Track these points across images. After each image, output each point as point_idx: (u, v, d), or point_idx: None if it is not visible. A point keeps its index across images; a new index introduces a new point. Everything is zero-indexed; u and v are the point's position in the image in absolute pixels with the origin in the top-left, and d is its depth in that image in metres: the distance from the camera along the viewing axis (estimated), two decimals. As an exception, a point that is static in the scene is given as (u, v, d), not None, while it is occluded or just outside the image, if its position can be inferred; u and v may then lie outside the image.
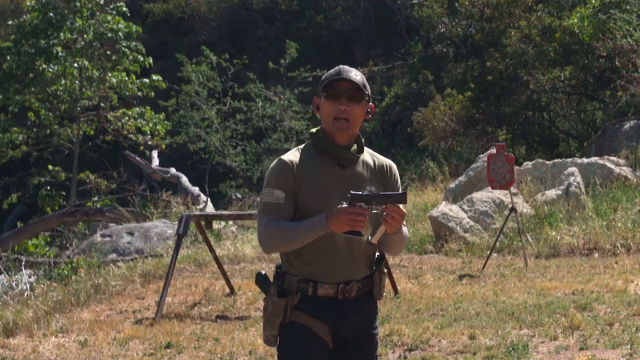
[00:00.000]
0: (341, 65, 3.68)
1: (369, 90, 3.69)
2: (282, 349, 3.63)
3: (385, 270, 3.84)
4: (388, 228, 3.47)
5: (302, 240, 3.51)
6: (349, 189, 3.54)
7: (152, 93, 20.32)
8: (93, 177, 20.95)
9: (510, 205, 10.98)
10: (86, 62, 19.15)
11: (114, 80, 19.70)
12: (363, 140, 3.77)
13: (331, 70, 3.68)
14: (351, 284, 3.62)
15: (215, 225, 13.07)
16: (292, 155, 3.62)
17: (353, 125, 3.63)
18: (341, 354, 3.68)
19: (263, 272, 3.69)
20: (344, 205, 3.43)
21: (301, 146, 3.71)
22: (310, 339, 3.60)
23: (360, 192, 3.45)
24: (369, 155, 3.76)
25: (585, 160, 13.70)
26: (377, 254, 3.77)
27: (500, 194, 12.21)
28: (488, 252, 10.69)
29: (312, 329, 3.59)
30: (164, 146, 21.09)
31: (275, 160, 3.63)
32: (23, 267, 11.58)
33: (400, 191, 3.59)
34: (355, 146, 3.68)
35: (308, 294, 3.59)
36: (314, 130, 3.72)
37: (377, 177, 3.72)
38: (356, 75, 3.62)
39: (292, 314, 3.59)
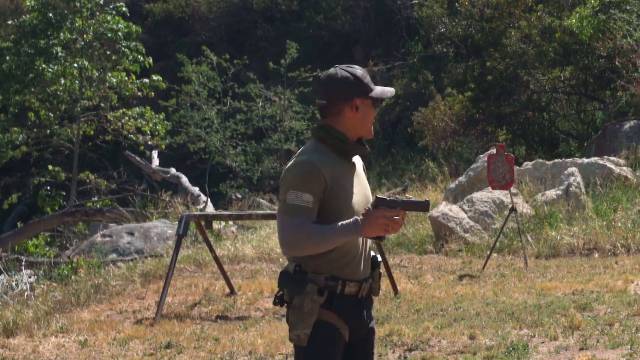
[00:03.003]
0: (364, 69, 3.73)
1: None
2: (312, 348, 3.59)
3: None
4: (391, 232, 3.54)
5: (334, 244, 3.54)
6: (361, 183, 3.67)
7: (152, 93, 20.32)
8: (93, 177, 20.94)
9: (510, 206, 10.98)
10: (86, 62, 19.15)
11: (114, 80, 19.70)
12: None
13: (360, 71, 3.68)
14: (367, 281, 3.73)
15: (215, 225, 13.07)
16: (317, 157, 3.58)
17: None
18: (350, 352, 3.71)
19: (289, 271, 3.61)
20: (372, 209, 3.50)
21: (310, 146, 3.65)
22: (338, 339, 3.63)
23: (386, 197, 3.54)
24: None
25: (585, 160, 13.69)
26: (373, 253, 3.83)
27: (500, 194, 12.21)
28: (488, 252, 10.69)
29: (340, 329, 3.62)
30: (164, 146, 21.08)
31: (301, 162, 3.56)
32: (23, 267, 11.58)
33: (423, 199, 3.65)
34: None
35: (337, 292, 3.60)
36: (320, 129, 3.67)
37: (364, 171, 3.85)
38: None
39: (320, 313, 3.58)
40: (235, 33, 29.70)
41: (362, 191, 3.69)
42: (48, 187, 20.62)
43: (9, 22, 21.00)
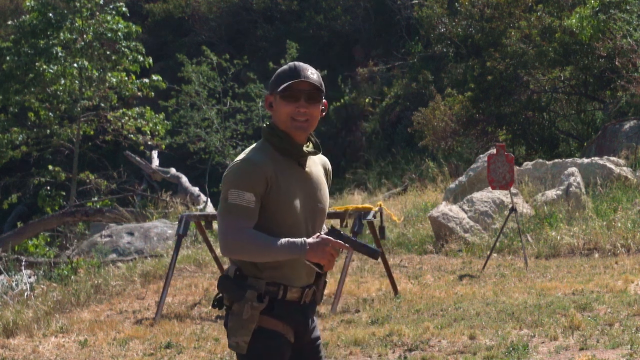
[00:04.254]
0: (296, 63, 3.59)
1: (324, 88, 3.64)
2: (252, 355, 3.49)
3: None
4: (330, 266, 3.51)
5: (275, 258, 3.47)
6: (311, 189, 3.57)
7: (152, 93, 20.32)
8: (93, 177, 20.94)
9: (510, 206, 10.98)
10: (86, 62, 19.15)
11: (114, 80, 19.70)
12: (317, 140, 3.74)
13: (285, 67, 3.59)
14: (311, 288, 3.60)
15: (215, 225, 13.06)
16: (259, 156, 3.52)
17: (312, 125, 3.62)
18: (297, 358, 3.62)
19: (229, 275, 3.56)
20: (325, 237, 3.44)
21: (257, 145, 3.59)
22: (284, 345, 3.53)
23: (341, 231, 3.50)
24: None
25: (585, 160, 13.69)
26: None
27: (500, 194, 12.21)
28: (488, 252, 10.69)
29: (285, 336, 3.53)
30: (163, 146, 21.09)
31: (242, 161, 3.51)
32: (23, 267, 11.58)
33: (375, 248, 3.60)
34: (310, 144, 3.65)
35: (278, 297, 3.50)
36: (266, 127, 3.61)
37: (324, 174, 3.73)
38: (313, 74, 3.56)
39: (260, 319, 3.49)
40: (235, 33, 29.70)
41: (310, 195, 3.58)
42: (48, 187, 20.62)
43: (9, 22, 21.00)
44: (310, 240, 3.46)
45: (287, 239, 3.45)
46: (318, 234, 3.50)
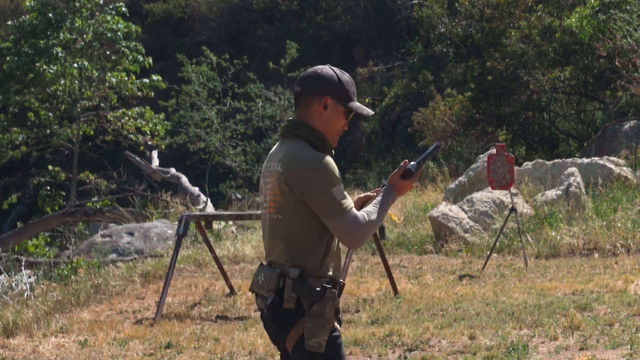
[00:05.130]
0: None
1: None
2: (329, 354, 3.53)
3: None
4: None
5: (382, 219, 3.63)
6: None
7: (152, 93, 20.32)
8: (93, 177, 20.94)
9: (510, 206, 10.98)
10: (86, 62, 19.15)
11: (114, 80, 19.70)
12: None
13: (347, 77, 3.65)
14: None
15: (215, 225, 13.07)
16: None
17: None
18: None
19: (296, 277, 3.53)
20: (402, 179, 3.65)
21: (302, 144, 3.58)
22: (342, 340, 3.64)
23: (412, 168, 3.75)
24: None
25: (585, 160, 13.69)
26: None
27: (500, 194, 12.21)
28: (488, 252, 10.69)
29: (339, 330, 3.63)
30: (163, 146, 21.09)
31: (324, 157, 3.52)
32: (23, 267, 11.58)
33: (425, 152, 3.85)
34: None
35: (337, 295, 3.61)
36: (305, 129, 3.61)
37: None
38: None
39: None
40: (235, 33, 29.70)
41: None
42: (48, 187, 20.62)
43: (9, 22, 20.99)
44: (394, 184, 3.64)
45: (381, 199, 3.60)
46: (393, 176, 3.67)
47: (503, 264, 10.55)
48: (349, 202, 3.52)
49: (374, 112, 3.74)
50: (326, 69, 3.63)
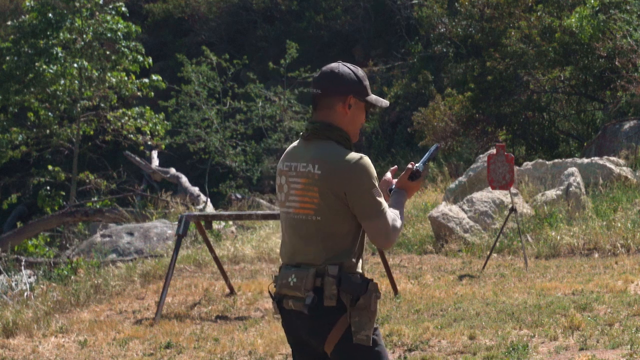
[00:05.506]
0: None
1: None
2: (377, 347, 3.58)
3: None
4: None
5: None
6: None
7: (152, 93, 20.32)
8: (93, 177, 20.94)
9: (510, 206, 10.97)
10: (86, 62, 19.15)
11: (114, 80, 19.70)
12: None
13: (362, 72, 3.68)
14: None
15: (215, 225, 13.07)
16: None
17: None
18: None
19: (336, 273, 3.54)
20: (409, 180, 3.73)
21: (334, 145, 3.59)
22: None
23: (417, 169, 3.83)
24: None
25: (585, 160, 13.69)
26: None
27: (500, 194, 12.20)
28: (488, 253, 10.69)
29: None
30: (163, 146, 21.09)
31: (364, 157, 3.55)
32: (23, 267, 11.58)
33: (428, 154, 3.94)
34: None
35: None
36: (331, 129, 3.61)
37: None
38: None
39: None
40: (235, 33, 29.70)
41: None
42: (48, 187, 20.63)
43: (9, 23, 20.99)
44: (405, 187, 3.72)
45: (397, 199, 3.68)
46: (402, 179, 3.74)
47: (503, 264, 10.54)
48: (384, 202, 3.56)
49: (388, 103, 3.77)
50: (342, 67, 3.65)
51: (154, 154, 21.64)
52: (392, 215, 3.58)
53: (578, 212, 11.91)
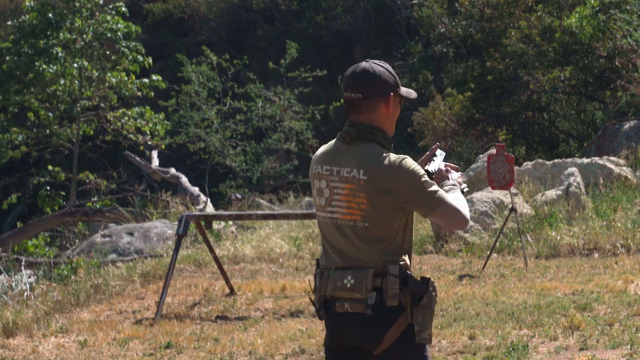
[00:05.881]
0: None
1: None
2: (427, 352, 3.58)
3: None
4: None
5: None
6: None
7: (152, 93, 20.31)
8: (93, 177, 20.93)
9: (510, 206, 10.97)
10: (86, 62, 19.15)
11: (114, 80, 19.70)
12: None
13: (391, 67, 3.66)
14: None
15: (215, 225, 13.07)
16: None
17: None
18: None
19: (397, 274, 3.52)
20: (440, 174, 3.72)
21: (379, 147, 3.57)
22: None
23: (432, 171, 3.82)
24: None
25: (585, 160, 13.69)
26: None
27: (500, 194, 12.20)
28: (488, 253, 10.69)
29: None
30: (163, 146, 21.09)
31: (407, 158, 3.53)
32: (23, 267, 11.58)
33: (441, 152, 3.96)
34: None
35: None
36: (375, 131, 3.59)
37: None
38: None
39: None
40: (235, 33, 29.70)
41: None
42: (48, 187, 20.62)
43: (9, 23, 20.99)
44: (452, 177, 3.70)
45: (451, 186, 3.65)
46: (444, 171, 3.72)
47: (503, 264, 10.54)
48: (438, 187, 3.54)
49: (416, 94, 3.77)
50: (376, 67, 3.60)
51: (154, 154, 21.64)
52: (451, 195, 3.55)
53: (578, 212, 11.91)
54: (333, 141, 3.67)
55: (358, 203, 3.51)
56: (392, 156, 3.52)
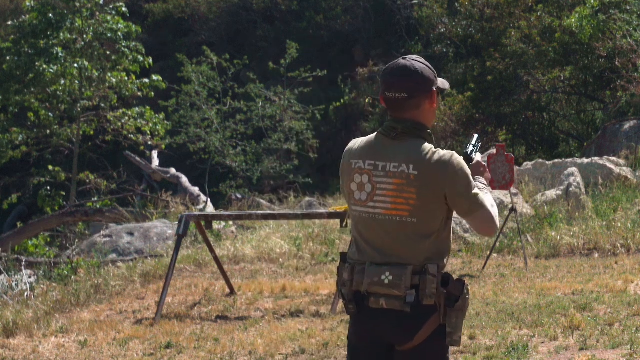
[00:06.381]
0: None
1: None
2: (449, 355, 3.57)
3: None
4: None
5: None
6: None
7: (152, 93, 20.32)
8: (93, 177, 20.94)
9: (510, 206, 10.98)
10: (86, 62, 19.15)
11: (114, 80, 19.70)
12: None
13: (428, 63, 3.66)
14: None
15: (215, 225, 13.07)
16: None
17: None
18: None
19: (435, 274, 3.51)
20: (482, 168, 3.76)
21: (428, 143, 3.57)
22: None
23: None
24: None
25: (585, 160, 13.69)
26: None
27: (500, 194, 12.20)
28: (488, 253, 10.69)
29: None
30: (163, 146, 21.09)
31: (455, 154, 3.54)
32: (23, 267, 11.58)
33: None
34: None
35: None
36: (420, 126, 3.59)
37: None
38: None
39: None
40: (235, 33, 29.70)
41: None
42: (48, 187, 20.63)
43: (9, 23, 20.99)
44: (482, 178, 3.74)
45: (483, 185, 3.68)
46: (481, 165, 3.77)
47: (503, 264, 10.55)
48: (478, 190, 3.55)
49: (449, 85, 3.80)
50: (416, 64, 3.57)
51: (154, 154, 21.64)
52: (489, 200, 3.56)
53: (578, 212, 11.91)
54: (372, 136, 3.64)
55: (406, 198, 3.49)
56: (441, 151, 3.52)
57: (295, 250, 11.63)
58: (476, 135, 3.92)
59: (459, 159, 3.51)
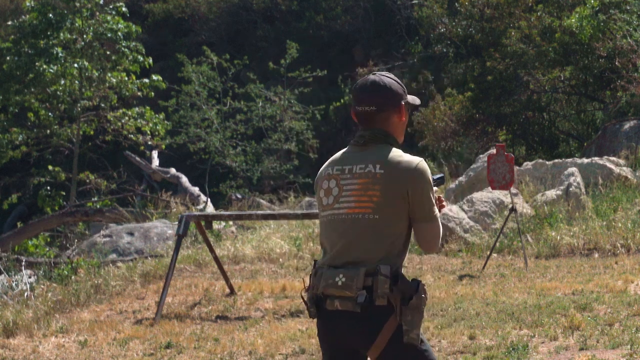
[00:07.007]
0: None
1: None
2: (424, 345, 3.59)
3: None
4: None
5: None
6: None
7: (152, 93, 20.32)
8: (93, 177, 20.95)
9: (510, 206, 10.98)
10: (86, 63, 19.16)
11: (114, 80, 19.71)
12: None
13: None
14: None
15: (215, 225, 13.07)
16: None
17: None
18: None
19: (388, 274, 3.55)
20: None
21: (392, 149, 3.66)
22: None
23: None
24: None
25: (585, 160, 13.70)
26: None
27: (500, 194, 12.21)
28: (488, 253, 10.69)
29: None
30: (163, 146, 21.10)
31: (423, 160, 3.63)
32: (23, 267, 11.58)
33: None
34: None
35: None
36: (389, 136, 3.70)
37: None
38: None
39: None
40: (235, 33, 29.70)
41: None
42: (48, 187, 20.63)
43: (9, 23, 21.00)
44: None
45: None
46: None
47: (503, 264, 10.55)
48: (436, 208, 3.63)
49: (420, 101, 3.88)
50: (385, 79, 3.68)
51: (154, 154, 21.64)
52: (439, 222, 3.69)
53: (578, 212, 11.91)
54: (345, 148, 3.76)
55: (370, 196, 3.56)
56: (409, 155, 3.63)
57: (295, 250, 11.63)
58: (442, 175, 4.03)
59: (426, 166, 3.61)
